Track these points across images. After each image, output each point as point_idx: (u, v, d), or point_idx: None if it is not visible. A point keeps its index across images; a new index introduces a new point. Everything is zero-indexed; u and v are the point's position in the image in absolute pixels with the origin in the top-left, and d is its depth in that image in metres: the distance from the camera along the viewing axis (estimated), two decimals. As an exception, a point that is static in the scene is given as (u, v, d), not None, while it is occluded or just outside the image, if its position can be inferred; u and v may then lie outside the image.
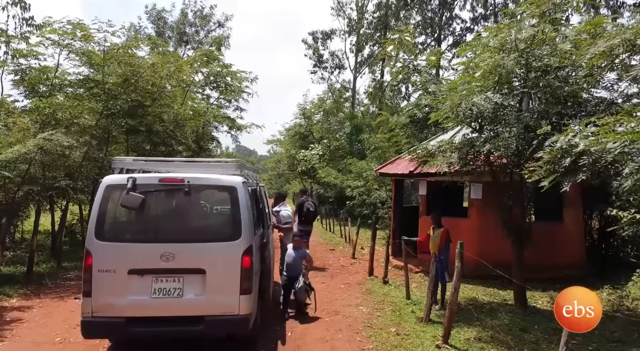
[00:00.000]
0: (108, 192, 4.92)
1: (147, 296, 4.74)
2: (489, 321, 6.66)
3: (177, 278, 4.80)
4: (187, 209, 5.13)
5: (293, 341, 5.82)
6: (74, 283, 8.75)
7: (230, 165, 5.81)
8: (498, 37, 5.81)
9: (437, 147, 6.90)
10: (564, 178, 4.40)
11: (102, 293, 4.72)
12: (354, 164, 20.27)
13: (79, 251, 11.09)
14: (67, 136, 8.34)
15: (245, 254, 4.91)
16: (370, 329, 6.33)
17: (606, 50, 3.98)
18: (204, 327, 4.74)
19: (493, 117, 6.04)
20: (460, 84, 6.77)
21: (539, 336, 6.13)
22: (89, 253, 4.78)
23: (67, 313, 6.76)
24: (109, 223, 4.91)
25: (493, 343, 5.80)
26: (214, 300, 4.78)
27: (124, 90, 10.32)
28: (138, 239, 4.89)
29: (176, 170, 5.68)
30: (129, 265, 4.75)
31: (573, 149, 4.29)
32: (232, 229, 4.96)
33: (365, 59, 26.68)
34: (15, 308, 6.93)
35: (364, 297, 8.09)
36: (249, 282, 4.91)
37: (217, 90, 18.44)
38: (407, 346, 5.65)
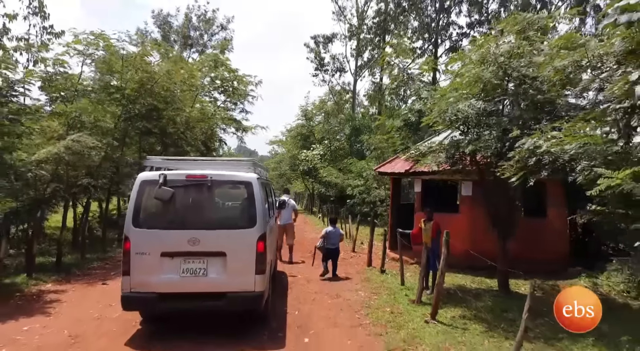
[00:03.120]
0: (143, 186, 5.73)
1: (177, 275, 5.55)
2: (474, 303, 7.46)
3: (202, 260, 5.61)
4: (209, 201, 5.95)
5: (300, 318, 6.63)
6: (98, 272, 9.59)
7: (245, 163, 6.64)
8: (479, 51, 6.62)
9: (428, 148, 7.71)
10: (530, 174, 5.21)
11: (139, 273, 5.52)
12: (354, 164, 21.06)
13: (98, 246, 11.93)
14: (91, 138, 9.16)
15: (260, 240, 5.73)
16: (368, 309, 7.14)
17: (560, 68, 4.77)
18: (225, 302, 5.55)
19: (476, 121, 6.85)
20: (449, 91, 7.61)
21: (517, 316, 6.87)
22: (127, 238, 5.59)
23: (98, 296, 7.58)
24: (143, 212, 5.71)
25: (475, 320, 6.61)
26: (233, 278, 5.58)
27: (140, 95, 11.16)
28: (168, 227, 5.68)
29: (199, 168, 6.49)
30: (161, 249, 5.55)
31: (537, 150, 5.10)
32: (248, 218, 5.77)
33: (365, 62, 27.58)
34: (52, 292, 7.76)
35: (362, 284, 8.91)
36: (262, 264, 5.72)
37: (225, 94, 19.33)
38: (399, 321, 6.46)
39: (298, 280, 9.23)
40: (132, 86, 11.19)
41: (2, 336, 5.59)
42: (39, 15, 13.70)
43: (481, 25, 22.82)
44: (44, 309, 6.78)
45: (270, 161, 39.26)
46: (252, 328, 5.94)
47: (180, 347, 5.30)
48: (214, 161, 7.04)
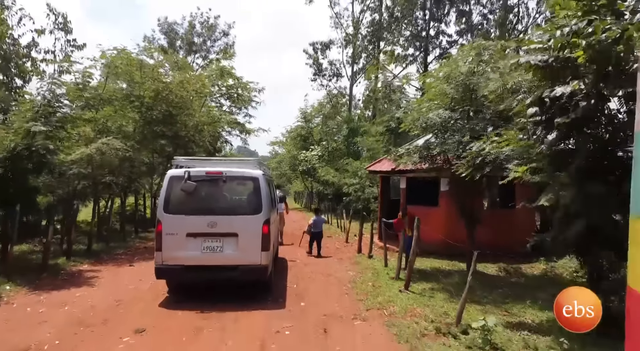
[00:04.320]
0: (171, 181, 7.18)
1: (199, 251, 6.98)
2: (444, 279, 8.90)
3: (218, 239, 7.04)
4: (224, 192, 7.40)
5: (298, 290, 8.06)
6: (123, 257, 11.04)
7: (252, 162, 8.10)
8: (444, 70, 8.07)
9: (405, 150, 9.16)
10: (476, 171, 6.65)
11: (168, 249, 6.96)
12: (350, 163, 22.49)
13: (117, 237, 13.37)
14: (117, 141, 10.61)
15: (265, 224, 7.16)
16: (354, 284, 8.59)
17: (492, 90, 6.19)
18: (237, 273, 6.98)
19: (443, 128, 8.29)
20: (424, 102, 9.07)
21: (477, 288, 8.35)
22: (159, 221, 7.03)
23: (128, 274, 9.05)
24: (172, 201, 7.14)
25: (441, 291, 8.05)
26: (244, 254, 7.02)
27: (157, 102, 12.62)
28: (192, 213, 7.10)
29: (214, 166, 7.93)
30: (186, 230, 6.99)
31: (482, 152, 6.55)
32: (255, 206, 7.21)
33: (360, 68, 29.14)
34: (89, 271, 9.22)
35: (352, 266, 10.37)
36: (267, 243, 7.15)
37: (230, 100, 20.82)
38: (379, 292, 7.90)
39: (296, 263, 10.68)
40: (150, 94, 12.63)
41: (61, 299, 7.05)
42: (63, 30, 15.17)
43: (469, 33, 24.33)
44: (87, 282, 8.25)
45: (271, 161, 40.75)
46: (259, 296, 7.37)
47: (201, 307, 6.70)
48: (227, 160, 8.49)
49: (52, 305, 6.76)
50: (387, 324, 6.13)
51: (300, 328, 5.93)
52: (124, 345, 5.23)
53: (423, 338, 5.59)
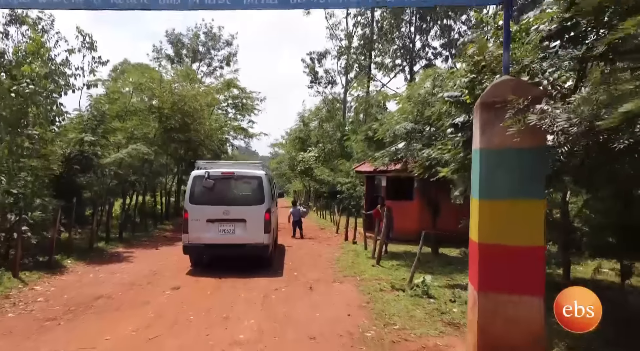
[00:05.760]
0: (195, 179, 9.36)
1: (216, 233, 9.14)
2: (410, 259, 11.07)
3: (231, 224, 9.21)
4: (235, 188, 9.59)
5: (292, 266, 10.23)
6: (148, 243, 13.24)
7: (257, 164, 10.29)
8: (408, 91, 10.24)
9: (380, 154, 11.35)
10: (426, 171, 8.83)
11: (193, 231, 9.14)
12: (343, 164, 24.66)
13: (140, 228, 15.55)
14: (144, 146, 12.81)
15: (266, 212, 9.34)
16: (337, 262, 10.77)
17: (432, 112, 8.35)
18: (245, 250, 9.15)
19: (408, 137, 10.47)
20: (397, 115, 11.26)
21: (435, 265, 10.53)
22: (186, 210, 9.22)
23: (156, 255, 11.25)
24: (195, 195, 9.32)
25: (405, 266, 10.21)
26: (250, 235, 9.18)
27: (174, 112, 14.83)
28: (211, 203, 9.25)
29: (227, 167, 10.10)
30: (206, 217, 9.15)
31: (429, 157, 8.73)
32: (259, 198, 9.38)
33: (352, 78, 31.46)
34: (124, 252, 11.43)
35: (338, 250, 12.57)
36: (268, 227, 9.32)
37: (235, 109, 23.09)
38: (356, 266, 10.08)
39: (292, 248, 12.87)
40: (168, 106, 14.81)
41: (112, 270, 9.26)
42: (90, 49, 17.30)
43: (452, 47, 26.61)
44: (126, 260, 10.46)
45: (272, 162, 42.98)
46: (262, 269, 9.51)
47: (218, 275, 8.85)
48: (237, 163, 10.67)
49: (107, 272, 8.97)
50: (357, 285, 8.30)
51: (293, 287, 8.11)
52: (167, 295, 7.41)
53: (381, 292, 7.76)
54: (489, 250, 4.38)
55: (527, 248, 4.26)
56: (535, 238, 4.27)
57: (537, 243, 4.27)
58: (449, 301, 7.10)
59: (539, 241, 4.28)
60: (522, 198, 4.28)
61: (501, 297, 4.28)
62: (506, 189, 4.33)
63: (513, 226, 4.30)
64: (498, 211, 4.36)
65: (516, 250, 4.27)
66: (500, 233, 4.34)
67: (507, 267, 4.28)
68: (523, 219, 4.28)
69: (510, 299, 4.25)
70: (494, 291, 4.31)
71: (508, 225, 4.31)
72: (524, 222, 4.28)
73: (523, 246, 4.26)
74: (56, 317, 6.04)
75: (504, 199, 4.34)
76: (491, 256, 4.36)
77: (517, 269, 4.26)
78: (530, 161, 4.26)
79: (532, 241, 4.27)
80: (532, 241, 4.27)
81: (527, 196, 4.27)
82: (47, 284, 7.87)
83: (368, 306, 6.83)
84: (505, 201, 4.34)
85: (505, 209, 4.33)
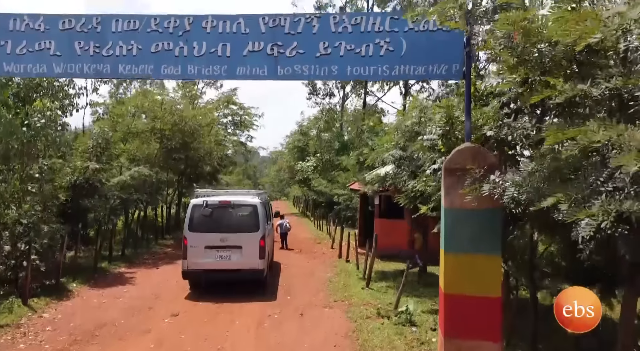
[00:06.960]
0: (194, 208, 9.91)
1: (214, 259, 9.67)
2: (400, 279, 11.57)
3: (228, 250, 9.74)
4: (232, 215, 10.12)
5: (286, 287, 10.76)
6: (150, 261, 13.79)
7: (253, 192, 10.85)
8: (395, 122, 10.77)
9: (370, 178, 11.89)
10: (411, 202, 9.35)
11: (192, 257, 9.67)
12: (340, 175, 25.15)
13: (141, 244, 16.10)
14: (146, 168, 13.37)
15: (261, 239, 9.87)
16: (330, 282, 11.30)
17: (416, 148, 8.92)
18: (241, 274, 9.68)
19: (396, 164, 10.99)
20: (386, 142, 11.79)
21: (422, 284, 11.03)
22: (185, 237, 9.76)
23: (157, 275, 11.79)
24: (194, 222, 9.85)
25: (393, 287, 10.73)
26: (246, 261, 9.71)
27: (175, 133, 15.40)
28: (209, 231, 9.78)
29: (225, 196, 10.63)
30: (204, 243, 9.68)
31: (414, 187, 9.24)
32: (254, 226, 9.91)
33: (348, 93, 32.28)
34: (127, 272, 11.98)
35: (331, 268, 13.09)
36: (263, 252, 9.85)
37: (235, 126, 23.75)
38: (347, 288, 10.61)
39: (287, 267, 13.39)
40: (168, 127, 15.38)
41: (115, 293, 9.81)
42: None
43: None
44: (129, 281, 11.01)
45: (271, 170, 43.62)
46: (257, 291, 10.02)
47: (215, 299, 9.37)
48: (234, 191, 11.23)
49: (110, 297, 9.52)
50: (345, 311, 8.83)
51: (285, 312, 8.64)
52: (167, 323, 7.95)
53: (367, 319, 8.28)
54: (452, 299, 4.91)
55: (485, 298, 4.79)
56: (492, 290, 4.81)
57: (495, 294, 4.81)
58: (430, 330, 7.60)
59: (496, 292, 4.82)
60: (481, 253, 4.82)
61: (464, 343, 4.81)
62: (466, 244, 4.86)
63: (473, 278, 4.83)
64: (460, 264, 4.89)
65: (476, 300, 4.80)
66: (462, 283, 4.87)
67: (468, 315, 4.81)
68: (482, 272, 4.82)
69: (471, 345, 4.78)
70: (457, 338, 4.84)
71: (469, 277, 4.85)
72: (483, 274, 4.82)
73: (482, 296, 4.80)
74: (63, 349, 6.59)
75: (465, 253, 4.87)
76: (454, 305, 4.89)
77: (477, 317, 4.79)
78: (487, 221, 4.79)
79: (490, 292, 4.80)
80: (489, 292, 4.80)
81: (485, 251, 4.81)
82: (54, 311, 8.42)
83: (353, 335, 7.35)
84: (467, 255, 4.87)
85: (467, 262, 4.86)
